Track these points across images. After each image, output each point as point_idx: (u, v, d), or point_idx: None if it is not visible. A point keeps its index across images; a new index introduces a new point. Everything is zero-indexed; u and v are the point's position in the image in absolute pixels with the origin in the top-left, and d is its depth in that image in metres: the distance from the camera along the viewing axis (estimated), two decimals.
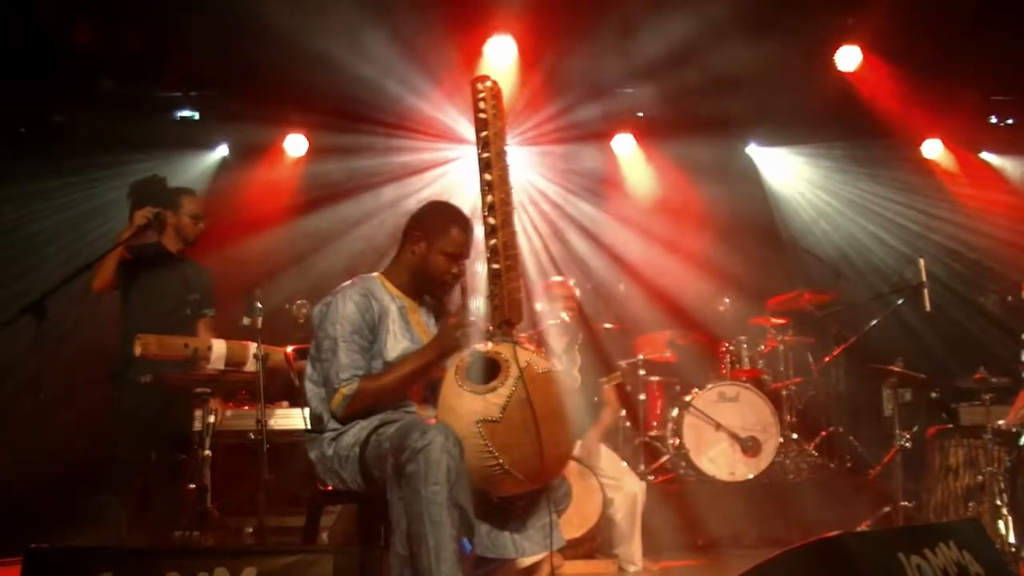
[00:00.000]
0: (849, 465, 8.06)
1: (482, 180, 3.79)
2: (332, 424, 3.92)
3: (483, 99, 3.81)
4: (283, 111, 8.65)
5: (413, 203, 4.32)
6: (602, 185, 9.68)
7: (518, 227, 3.84)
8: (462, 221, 4.11)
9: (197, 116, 8.96)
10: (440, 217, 4.12)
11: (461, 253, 4.06)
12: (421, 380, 3.98)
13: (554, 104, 8.60)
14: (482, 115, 3.79)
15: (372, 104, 8.27)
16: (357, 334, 3.90)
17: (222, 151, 9.26)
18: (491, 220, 3.74)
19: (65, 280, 5.27)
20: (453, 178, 9.08)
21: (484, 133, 3.79)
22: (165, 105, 8.85)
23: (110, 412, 5.82)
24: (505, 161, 3.80)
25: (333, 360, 3.87)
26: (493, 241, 3.73)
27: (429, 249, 4.05)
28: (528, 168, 9.26)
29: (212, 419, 5.44)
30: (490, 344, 3.75)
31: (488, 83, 3.83)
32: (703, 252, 9.28)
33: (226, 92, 8.44)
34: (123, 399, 5.73)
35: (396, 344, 3.97)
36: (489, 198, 3.76)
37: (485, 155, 3.79)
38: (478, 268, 4.04)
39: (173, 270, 5.93)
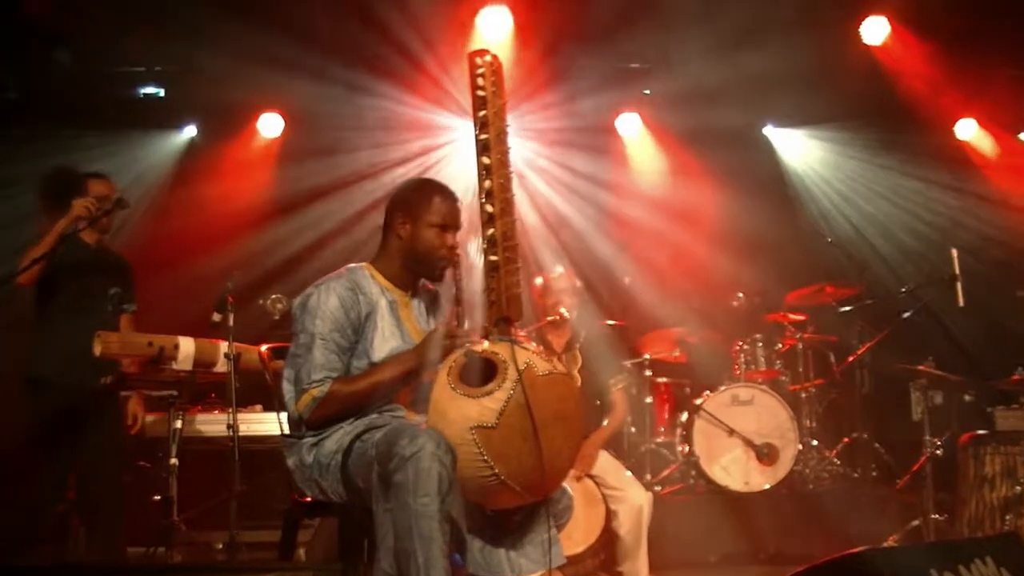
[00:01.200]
0: (875, 474, 8.07)
1: (479, 163, 3.77)
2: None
3: (482, 75, 3.79)
4: (257, 87, 8.62)
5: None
6: (605, 170, 9.68)
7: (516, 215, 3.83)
8: (443, 190, 4.11)
9: (162, 93, 8.94)
10: (419, 191, 4.12)
11: (450, 222, 4.05)
12: (399, 388, 3.97)
13: (553, 81, 8.60)
14: (480, 92, 3.78)
15: (355, 81, 8.26)
16: (338, 332, 3.89)
17: (190, 131, 9.25)
18: (489, 208, 3.73)
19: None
20: (447, 162, 9.08)
21: (483, 112, 3.77)
22: (127, 81, 8.83)
23: (28, 418, 5.60)
24: (506, 143, 3.78)
25: (307, 357, 3.86)
26: (491, 231, 3.72)
27: (415, 227, 4.04)
28: (524, 151, 9.26)
29: (179, 424, 5.44)
30: (486, 343, 3.74)
31: (487, 57, 3.81)
32: (715, 242, 9.29)
33: (194, 67, 8.42)
34: (40, 404, 5.52)
35: (384, 343, 3.96)
36: (487, 183, 3.74)
37: (483, 136, 3.77)
38: (472, 254, 4.03)
39: (91, 262, 5.78)
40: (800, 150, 10.02)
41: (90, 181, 5.82)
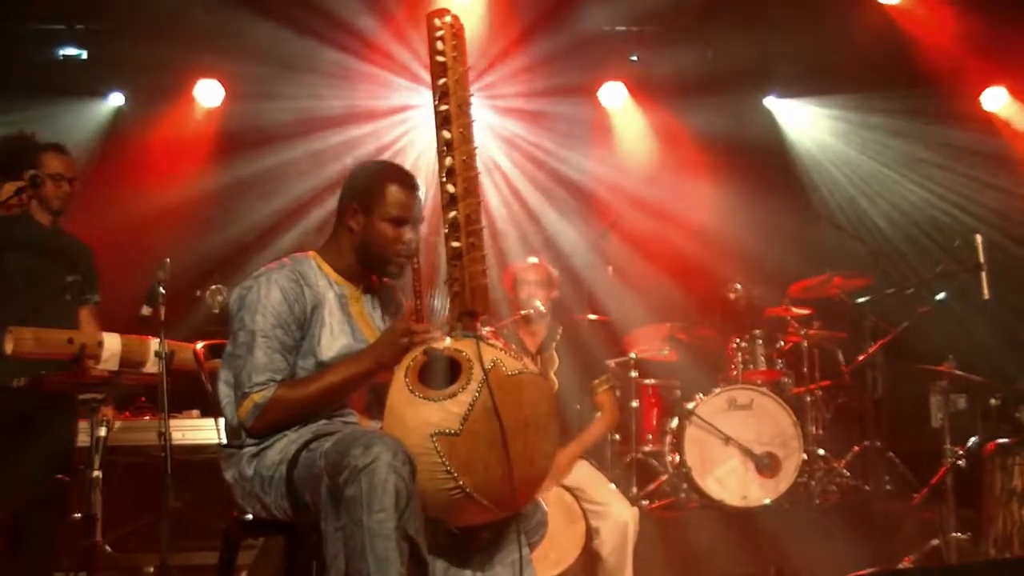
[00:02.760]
0: (889, 488, 8.10)
1: (439, 138, 3.77)
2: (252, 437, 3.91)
3: (441, 38, 3.79)
4: (193, 49, 8.60)
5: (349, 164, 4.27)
6: (586, 146, 9.70)
7: (483, 196, 3.83)
8: (400, 177, 4.09)
9: (84, 55, 8.89)
10: (373, 178, 4.10)
11: (407, 215, 4.03)
12: (352, 391, 3.97)
13: (525, 45, 8.61)
14: (440, 58, 3.77)
15: (302, 44, 8.25)
16: (281, 328, 3.87)
17: (116, 99, 9.21)
18: (450, 188, 3.73)
19: None
20: (404, 136, 9.09)
21: (442, 80, 3.77)
22: (43, 40, 8.78)
23: None
24: (469, 115, 3.78)
25: (247, 358, 3.84)
26: (452, 213, 3.72)
27: (369, 219, 4.03)
28: (493, 125, 9.27)
29: (103, 432, 5.42)
30: (449, 340, 3.74)
31: (447, 18, 3.81)
32: (710, 227, 9.32)
33: (120, 25, 8.38)
34: None
35: (333, 341, 3.95)
36: (448, 160, 3.74)
37: (443, 107, 3.77)
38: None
39: (46, 247, 5.78)
40: (806, 123, 10.07)
41: (45, 154, 5.82)
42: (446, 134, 3.76)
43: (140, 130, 9.01)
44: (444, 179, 3.75)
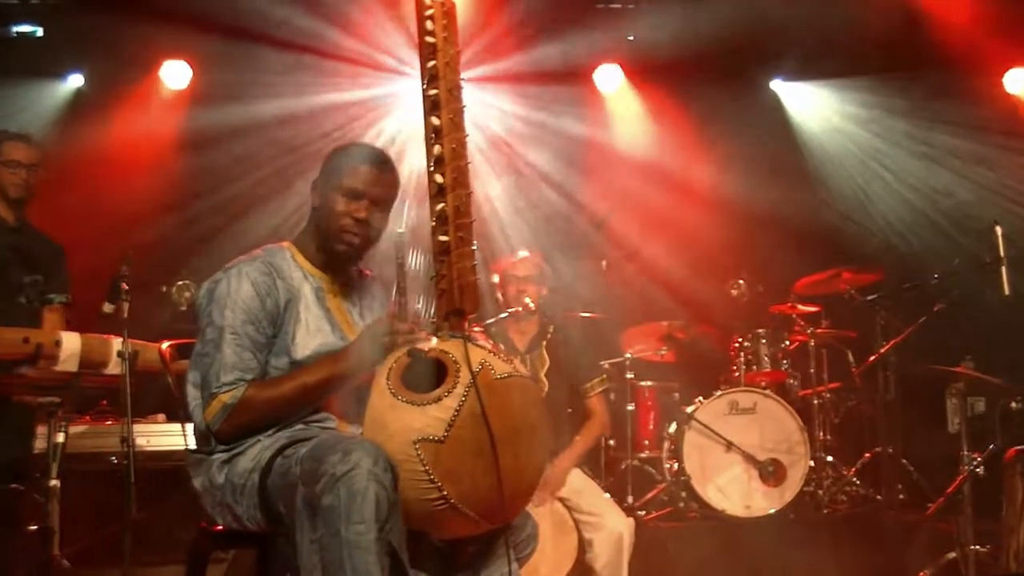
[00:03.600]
0: (902, 497, 8.12)
1: (428, 124, 3.76)
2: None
3: (431, 18, 3.77)
4: (159, 27, 8.57)
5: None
6: (580, 131, 9.70)
7: (474, 187, 3.82)
8: (368, 155, 4.11)
9: (40, 32, 8.85)
10: (338, 155, 4.14)
11: (361, 189, 4.01)
12: (329, 393, 3.96)
13: (518, 26, 8.60)
14: (430, 39, 3.76)
15: (277, 22, 8.24)
16: (252, 325, 3.87)
17: (75, 80, 9.19)
18: (439, 178, 3.72)
19: None
20: (390, 121, 9.08)
21: (432, 63, 3.75)
22: None
23: None
24: (460, 100, 3.76)
25: (215, 356, 3.84)
26: (441, 205, 3.71)
27: (324, 192, 4.05)
28: (483, 111, 9.27)
29: (61, 438, 5.41)
30: (435, 340, 3.74)
31: None
32: (711, 219, 9.33)
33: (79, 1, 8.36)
34: None
35: (309, 338, 3.96)
36: (437, 148, 3.73)
37: (432, 92, 3.75)
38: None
39: (3, 243, 5.81)
40: (813, 107, 10.08)
41: (6, 143, 5.82)
42: (435, 120, 3.75)
43: (101, 114, 8.97)
44: (432, 168, 3.74)
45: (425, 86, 3.78)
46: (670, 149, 9.58)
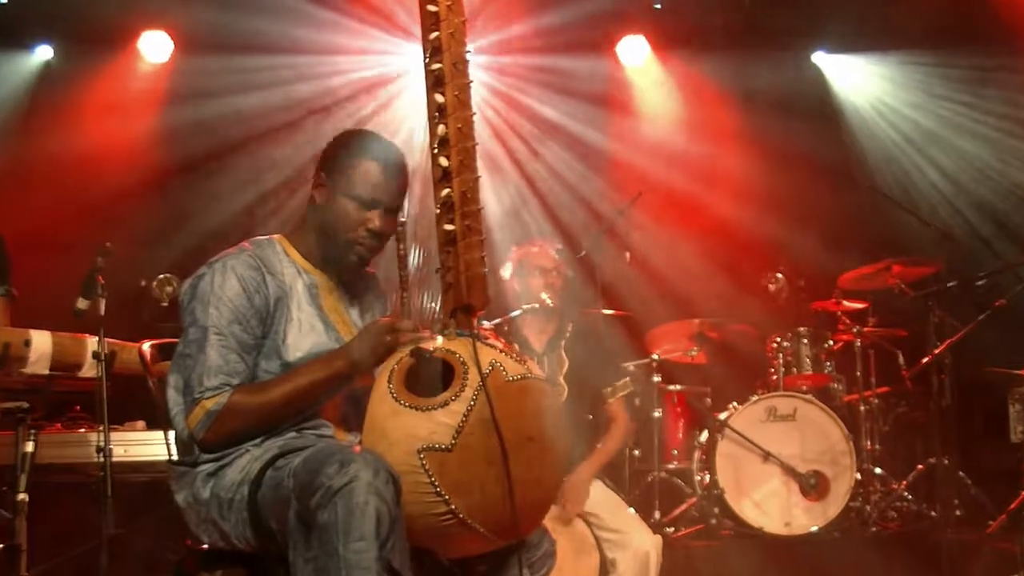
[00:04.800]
0: (959, 513, 8.07)
1: (431, 102, 3.78)
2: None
3: None
4: None
5: (330, 134, 4.25)
6: (601, 111, 9.70)
7: (482, 171, 3.82)
8: (382, 153, 4.09)
9: None
10: (347, 147, 4.10)
11: (378, 198, 4.02)
12: (324, 398, 3.96)
13: None
14: (432, 7, 3.77)
15: None
16: (239, 324, 3.87)
17: (44, 52, 9.20)
18: (443, 161, 3.73)
19: None
20: (389, 99, 9.10)
21: (435, 34, 3.76)
22: None
23: None
24: (466, 75, 3.78)
25: (198, 358, 3.83)
26: (446, 191, 3.72)
27: (332, 192, 4.03)
28: (492, 85, 9.28)
29: (30, 447, 5.43)
30: (440, 339, 3.75)
31: None
32: (746, 205, 9.33)
33: None
34: None
35: (301, 338, 3.96)
36: (441, 128, 3.74)
37: (435, 66, 3.76)
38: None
39: None
40: (860, 83, 10.07)
41: None
42: (439, 97, 3.76)
43: (73, 89, 8.99)
44: (436, 150, 3.74)
45: (427, 60, 3.78)
46: (701, 129, 9.59)
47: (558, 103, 9.59)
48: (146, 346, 4.66)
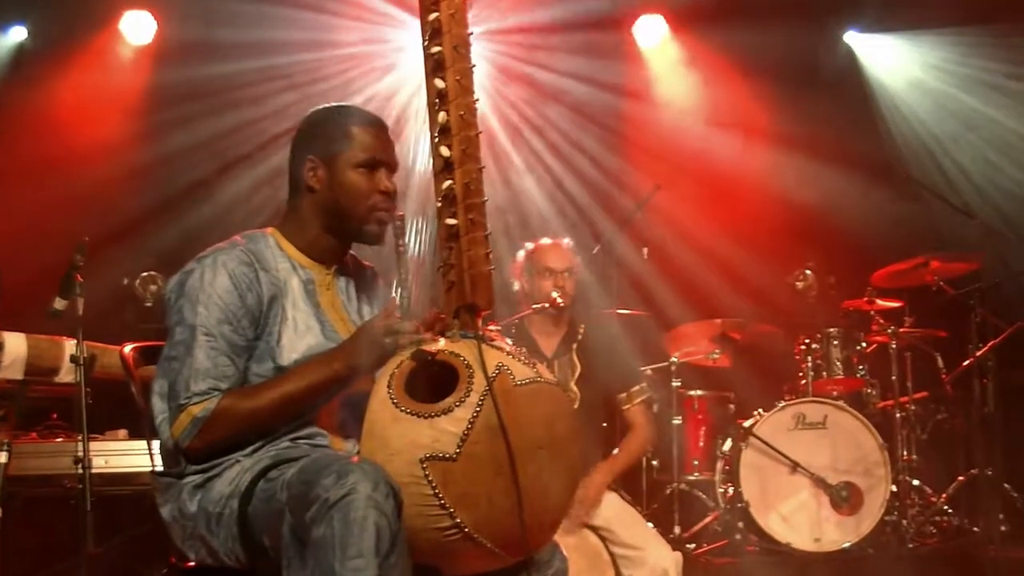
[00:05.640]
0: (1004, 528, 8.09)
1: (430, 88, 3.78)
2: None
3: None
4: None
5: None
6: (615, 95, 9.71)
7: (487, 161, 3.82)
8: (363, 115, 4.15)
9: None
10: (330, 122, 4.14)
11: (380, 156, 4.07)
12: (319, 403, 3.96)
13: None
14: None
15: None
16: (229, 324, 3.86)
17: (17, 33, 9.21)
18: (444, 150, 3.73)
19: None
20: (387, 84, 9.12)
21: (434, 15, 3.76)
22: None
23: None
24: (468, 58, 3.78)
25: (185, 361, 3.82)
26: (448, 182, 3.72)
27: (332, 171, 4.06)
28: (496, 69, 9.29)
29: (4, 458, 5.45)
30: (443, 341, 3.75)
31: None
32: (771, 197, 9.33)
33: None
34: None
35: (297, 340, 3.96)
36: (442, 115, 3.75)
37: (435, 49, 3.77)
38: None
39: None
40: (895, 63, 10.06)
41: None
42: (439, 83, 3.76)
43: (49, 73, 9.00)
44: (437, 139, 3.75)
45: (426, 42, 3.78)
46: (723, 114, 9.59)
47: (569, 87, 9.60)
48: (128, 349, 4.64)
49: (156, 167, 9.00)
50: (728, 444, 8.01)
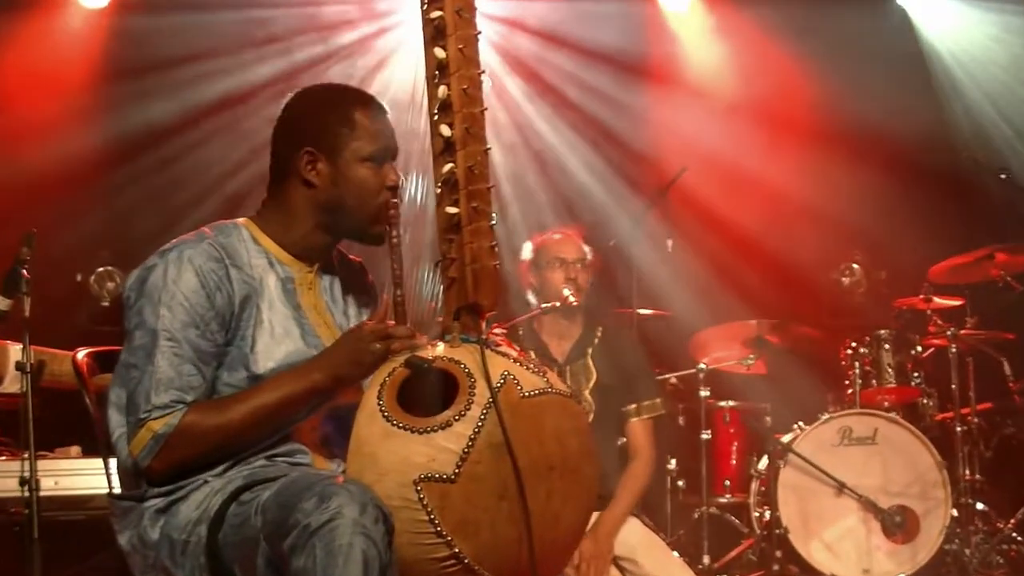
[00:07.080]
0: None
1: (429, 58, 3.80)
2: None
3: None
4: None
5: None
6: (638, 68, 9.73)
7: (492, 142, 3.82)
8: (363, 97, 4.13)
9: None
10: (330, 108, 4.11)
11: (388, 147, 4.07)
12: (299, 417, 3.95)
13: None
14: None
15: None
16: (195, 328, 3.83)
17: None
18: (445, 130, 3.74)
19: None
20: (382, 54, 9.14)
21: None
22: None
23: None
24: (473, 24, 3.78)
25: (146, 369, 3.79)
26: (448, 166, 3.74)
27: (336, 165, 4.02)
28: (503, 39, 9.31)
29: None
30: (442, 346, 3.76)
31: None
32: (813, 180, 9.34)
33: None
34: None
35: (274, 346, 3.95)
36: (442, 90, 3.76)
37: (435, 14, 3.78)
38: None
39: None
40: (955, 29, 10.06)
41: None
42: (439, 52, 3.77)
43: None
44: (437, 117, 3.75)
45: (425, 6, 3.79)
46: (758, 86, 9.60)
47: (585, 60, 9.61)
48: (82, 355, 4.64)
49: (111, 149, 8.99)
50: (764, 462, 8.02)
